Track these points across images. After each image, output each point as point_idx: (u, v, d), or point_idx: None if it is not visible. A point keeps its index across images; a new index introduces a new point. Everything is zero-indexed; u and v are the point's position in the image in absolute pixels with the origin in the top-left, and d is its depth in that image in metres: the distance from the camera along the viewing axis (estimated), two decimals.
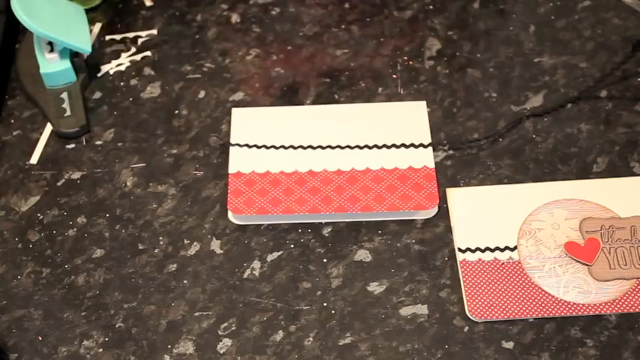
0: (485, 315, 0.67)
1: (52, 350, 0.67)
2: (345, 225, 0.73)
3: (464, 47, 0.84)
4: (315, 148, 0.76)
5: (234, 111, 0.79)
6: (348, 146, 0.76)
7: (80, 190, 0.76)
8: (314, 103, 0.80)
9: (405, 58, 0.83)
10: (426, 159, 0.75)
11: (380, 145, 0.76)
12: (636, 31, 0.84)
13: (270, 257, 0.71)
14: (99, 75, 0.83)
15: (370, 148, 0.76)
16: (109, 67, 0.83)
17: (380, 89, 0.81)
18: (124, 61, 0.84)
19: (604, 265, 0.69)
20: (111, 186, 0.76)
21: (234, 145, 0.77)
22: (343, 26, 0.86)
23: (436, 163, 0.76)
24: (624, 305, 0.67)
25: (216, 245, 0.72)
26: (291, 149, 0.76)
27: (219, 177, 0.76)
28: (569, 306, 0.67)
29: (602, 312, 0.67)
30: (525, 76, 0.81)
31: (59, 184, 0.76)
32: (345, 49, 0.84)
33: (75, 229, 0.73)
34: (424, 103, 0.79)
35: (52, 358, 0.67)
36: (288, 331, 0.68)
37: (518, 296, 0.68)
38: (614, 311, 0.67)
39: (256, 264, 0.71)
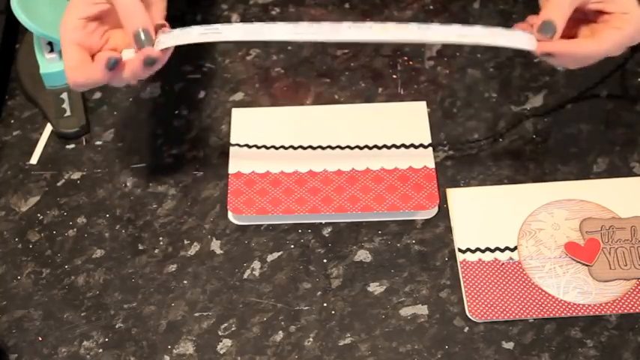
0: (485, 315, 0.67)
1: (52, 350, 0.67)
2: (345, 225, 0.73)
3: (464, 47, 0.84)
4: (315, 149, 0.76)
5: (234, 111, 0.79)
6: (348, 146, 0.76)
7: (80, 190, 0.75)
8: (314, 103, 0.80)
9: (405, 58, 0.83)
10: (426, 159, 0.75)
11: (380, 145, 0.76)
12: None
13: (270, 257, 0.71)
14: None
15: (370, 148, 0.76)
16: None
17: (380, 89, 0.81)
18: None
19: (604, 266, 0.69)
20: (111, 186, 0.76)
21: (234, 145, 0.77)
22: None
23: (436, 164, 0.76)
24: (624, 305, 0.67)
25: (216, 245, 0.72)
26: (291, 149, 0.76)
27: (219, 177, 0.76)
28: (569, 306, 0.67)
29: (602, 312, 0.67)
30: (525, 76, 0.81)
31: (59, 184, 0.76)
32: (345, 49, 0.84)
33: (75, 230, 0.73)
34: (424, 103, 0.79)
35: (52, 359, 0.67)
36: (288, 332, 0.67)
37: (519, 296, 0.68)
38: (614, 311, 0.67)
39: (256, 264, 0.71)
